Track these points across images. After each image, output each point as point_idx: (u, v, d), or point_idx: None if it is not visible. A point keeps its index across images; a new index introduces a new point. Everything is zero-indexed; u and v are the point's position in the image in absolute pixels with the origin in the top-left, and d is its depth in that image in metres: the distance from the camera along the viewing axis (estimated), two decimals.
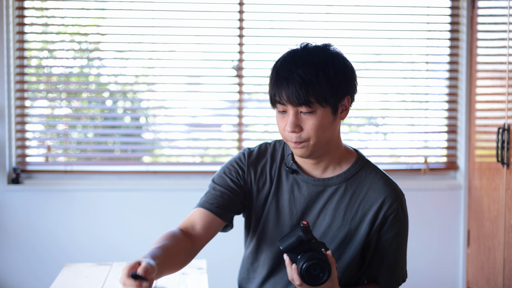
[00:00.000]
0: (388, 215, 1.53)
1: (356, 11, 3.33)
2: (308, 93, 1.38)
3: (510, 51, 2.81)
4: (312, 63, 1.40)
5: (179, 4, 3.24)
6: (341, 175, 1.54)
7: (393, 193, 1.54)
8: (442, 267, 3.36)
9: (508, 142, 2.77)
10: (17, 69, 3.20)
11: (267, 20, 3.31)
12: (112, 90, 3.38)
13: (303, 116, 1.42)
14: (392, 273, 1.58)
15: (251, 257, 1.65)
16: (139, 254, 3.03)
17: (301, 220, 1.52)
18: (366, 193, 1.54)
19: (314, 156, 1.49)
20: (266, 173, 1.58)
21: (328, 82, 1.40)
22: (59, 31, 3.27)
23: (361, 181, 1.55)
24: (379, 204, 1.53)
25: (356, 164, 1.57)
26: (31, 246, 3.17)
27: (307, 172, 1.56)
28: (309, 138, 1.43)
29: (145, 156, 3.37)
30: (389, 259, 1.57)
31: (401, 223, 1.55)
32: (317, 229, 1.54)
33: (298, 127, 1.42)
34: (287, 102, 1.41)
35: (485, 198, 3.07)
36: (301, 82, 1.38)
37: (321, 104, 1.41)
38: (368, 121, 3.50)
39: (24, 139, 3.24)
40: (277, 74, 1.43)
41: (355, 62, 3.34)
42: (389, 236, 1.54)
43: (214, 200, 1.54)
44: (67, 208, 3.18)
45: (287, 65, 1.41)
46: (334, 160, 1.55)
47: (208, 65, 3.31)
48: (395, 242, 1.55)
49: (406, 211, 1.58)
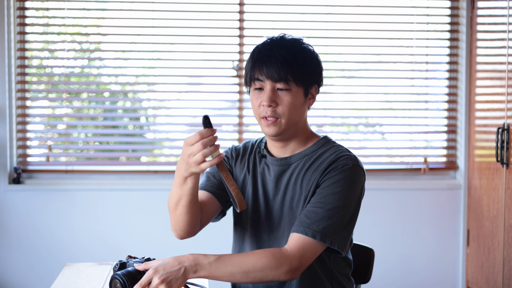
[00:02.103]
0: (329, 170, 1.55)
1: (356, 11, 3.34)
2: (287, 71, 1.52)
3: (509, 51, 2.81)
4: (291, 47, 1.55)
5: (179, 4, 3.25)
6: (301, 153, 1.63)
7: (344, 157, 1.56)
8: (442, 266, 3.37)
9: (507, 142, 2.78)
10: (18, 69, 3.21)
11: (267, 20, 3.32)
12: (112, 90, 3.38)
13: (279, 93, 1.54)
14: (312, 221, 1.49)
15: (237, 245, 1.73)
16: (140, 253, 3.04)
17: (274, 201, 1.63)
18: (321, 163, 1.58)
19: (284, 136, 1.59)
20: (245, 163, 1.71)
21: (304, 64, 1.55)
22: (60, 31, 3.28)
23: (319, 155, 1.61)
24: (327, 164, 1.56)
25: (318, 143, 1.64)
26: (32, 246, 3.18)
27: (276, 156, 1.66)
28: (282, 115, 1.54)
29: (146, 156, 3.38)
30: (313, 205, 1.52)
31: (339, 178, 1.53)
32: (286, 205, 1.61)
33: (274, 102, 1.54)
34: (267, 78, 1.54)
35: (485, 198, 3.07)
36: (282, 60, 1.52)
37: (296, 84, 1.54)
38: (368, 121, 3.51)
39: (25, 139, 3.25)
40: (259, 53, 1.56)
41: (355, 62, 3.39)
42: (323, 186, 1.53)
43: (208, 183, 1.69)
44: (68, 207, 3.19)
45: (268, 46, 1.56)
46: (301, 143, 1.64)
47: (208, 65, 3.32)
48: (325, 191, 1.52)
49: (354, 175, 1.54)
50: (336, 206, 1.51)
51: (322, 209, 1.50)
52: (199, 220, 1.61)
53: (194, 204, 1.55)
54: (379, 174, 3.38)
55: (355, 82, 3.39)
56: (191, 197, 1.52)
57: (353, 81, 3.39)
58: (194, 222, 1.58)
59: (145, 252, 3.05)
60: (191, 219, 1.57)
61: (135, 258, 1.58)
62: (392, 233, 3.33)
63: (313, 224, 1.49)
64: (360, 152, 3.42)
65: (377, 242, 3.20)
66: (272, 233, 1.63)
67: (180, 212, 1.55)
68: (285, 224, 1.61)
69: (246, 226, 1.69)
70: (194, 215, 1.57)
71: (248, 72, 1.58)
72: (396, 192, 3.33)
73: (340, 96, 3.38)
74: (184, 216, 1.55)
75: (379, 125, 3.51)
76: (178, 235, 1.62)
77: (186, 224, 1.58)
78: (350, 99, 3.39)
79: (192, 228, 1.60)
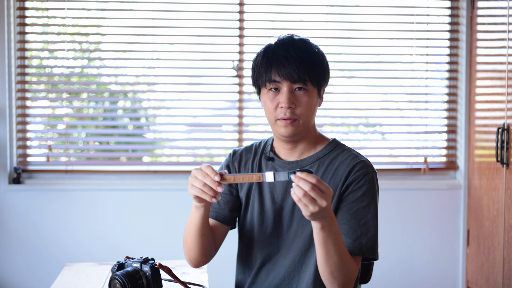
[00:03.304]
0: (352, 181, 1.56)
1: (356, 11, 3.34)
2: (305, 71, 1.51)
3: (509, 51, 2.81)
4: (304, 48, 1.54)
5: (179, 4, 3.25)
6: (313, 156, 1.62)
7: (360, 163, 1.58)
8: (442, 266, 3.37)
9: (507, 142, 2.78)
10: (18, 69, 3.21)
11: (267, 20, 3.32)
12: (112, 90, 3.39)
13: (297, 94, 1.53)
14: (353, 239, 1.52)
15: (244, 251, 1.72)
16: (140, 253, 3.04)
17: (282, 205, 1.62)
18: (337, 169, 1.59)
19: (297, 137, 1.58)
20: (249, 166, 1.69)
21: (318, 65, 1.55)
22: (60, 31, 3.28)
23: (332, 159, 1.61)
24: (346, 174, 1.57)
25: (329, 146, 1.64)
26: (32, 246, 3.18)
27: (284, 159, 1.65)
28: (300, 116, 1.54)
29: (146, 156, 3.38)
30: (349, 223, 1.54)
31: (364, 190, 1.55)
32: (297, 209, 1.60)
33: (293, 104, 1.53)
34: (285, 79, 1.51)
35: (485, 198, 3.07)
36: (299, 60, 1.51)
37: (312, 84, 1.54)
38: (368, 121, 3.51)
39: (25, 139, 3.25)
40: (273, 54, 1.53)
41: (355, 62, 3.39)
42: (351, 200, 1.55)
43: (213, 208, 1.69)
44: (68, 207, 3.19)
45: (282, 46, 1.53)
46: (310, 145, 1.63)
47: (208, 65, 3.32)
48: (355, 206, 1.54)
49: (375, 182, 1.58)
50: (369, 219, 1.55)
51: (358, 224, 1.53)
52: (212, 248, 1.65)
53: (204, 234, 1.58)
54: (379, 174, 3.38)
55: (355, 82, 3.39)
56: (200, 226, 1.55)
57: (353, 81, 3.39)
58: (206, 250, 1.62)
59: (145, 252, 3.05)
60: (203, 248, 1.60)
61: (133, 258, 1.58)
62: (392, 233, 3.33)
63: (355, 242, 1.52)
64: (360, 152, 3.42)
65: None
66: (281, 236, 1.63)
67: (191, 241, 1.59)
68: (295, 228, 1.61)
69: (252, 230, 1.68)
70: (205, 244, 1.60)
71: (262, 73, 1.55)
72: (396, 192, 3.34)
73: (340, 96, 3.38)
74: (195, 245, 1.59)
75: (379, 125, 3.51)
76: (193, 264, 1.66)
77: (198, 254, 1.61)
78: (350, 99, 3.39)
79: (205, 257, 1.64)
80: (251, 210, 1.67)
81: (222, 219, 1.68)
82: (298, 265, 1.62)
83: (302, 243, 1.60)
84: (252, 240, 1.68)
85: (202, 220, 1.54)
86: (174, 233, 3.11)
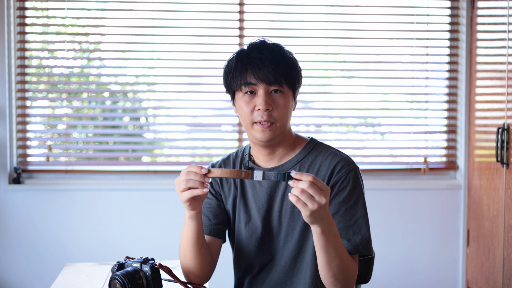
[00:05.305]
0: (336, 182, 1.55)
1: (356, 11, 3.34)
2: (280, 73, 1.51)
3: (509, 51, 2.81)
4: (277, 51, 1.54)
5: (179, 4, 3.25)
6: (293, 159, 1.61)
7: (341, 161, 1.57)
8: (442, 266, 3.37)
9: (507, 142, 2.78)
10: (18, 69, 3.21)
11: (267, 20, 3.32)
12: (112, 90, 3.38)
13: (273, 96, 1.52)
14: (347, 239, 1.54)
15: (237, 261, 1.72)
16: (140, 253, 3.04)
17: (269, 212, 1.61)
18: (319, 170, 1.58)
19: (274, 141, 1.56)
20: (231, 179, 1.66)
21: (293, 68, 1.55)
22: (60, 31, 3.28)
23: (312, 160, 1.60)
24: (329, 174, 1.56)
25: (307, 147, 1.63)
26: (32, 246, 3.18)
27: (264, 166, 1.63)
28: (277, 118, 1.52)
29: (145, 156, 3.38)
30: (340, 224, 1.54)
31: (350, 188, 1.55)
32: (285, 214, 1.60)
33: (270, 106, 1.51)
34: (261, 81, 1.50)
35: (485, 198, 3.07)
36: (274, 62, 1.50)
37: (288, 86, 1.53)
38: (368, 121, 3.51)
39: (25, 139, 3.25)
40: (248, 57, 1.52)
41: (355, 62, 3.39)
42: (338, 201, 1.55)
43: (204, 224, 1.67)
44: (68, 207, 3.19)
45: (257, 50, 1.53)
46: (289, 148, 1.62)
47: (208, 65, 3.32)
48: (344, 206, 1.54)
49: (359, 178, 1.58)
50: (359, 217, 1.55)
51: (349, 224, 1.54)
52: (211, 261, 1.63)
53: (202, 246, 1.56)
54: (379, 174, 3.38)
55: (355, 82, 3.39)
56: (197, 238, 1.54)
57: (353, 81, 3.39)
58: (207, 263, 1.60)
59: (145, 252, 3.05)
60: (204, 261, 1.58)
61: (133, 258, 1.58)
62: (392, 233, 3.33)
63: (350, 242, 1.53)
64: (360, 152, 3.43)
65: (377, 242, 3.20)
66: (272, 244, 1.63)
67: (190, 257, 1.57)
68: (285, 233, 1.61)
69: (243, 241, 1.67)
70: (206, 256, 1.59)
71: (237, 77, 1.53)
72: (396, 192, 3.33)
73: (340, 96, 3.38)
74: (196, 259, 1.57)
75: (379, 125, 3.51)
76: (197, 281, 1.63)
77: (200, 268, 1.59)
78: (350, 99, 3.39)
79: (209, 269, 1.62)
80: (238, 223, 1.67)
81: (216, 233, 1.66)
82: (289, 270, 1.62)
83: (291, 248, 1.60)
84: (244, 250, 1.68)
85: (198, 230, 1.53)
86: (174, 233, 3.11)
